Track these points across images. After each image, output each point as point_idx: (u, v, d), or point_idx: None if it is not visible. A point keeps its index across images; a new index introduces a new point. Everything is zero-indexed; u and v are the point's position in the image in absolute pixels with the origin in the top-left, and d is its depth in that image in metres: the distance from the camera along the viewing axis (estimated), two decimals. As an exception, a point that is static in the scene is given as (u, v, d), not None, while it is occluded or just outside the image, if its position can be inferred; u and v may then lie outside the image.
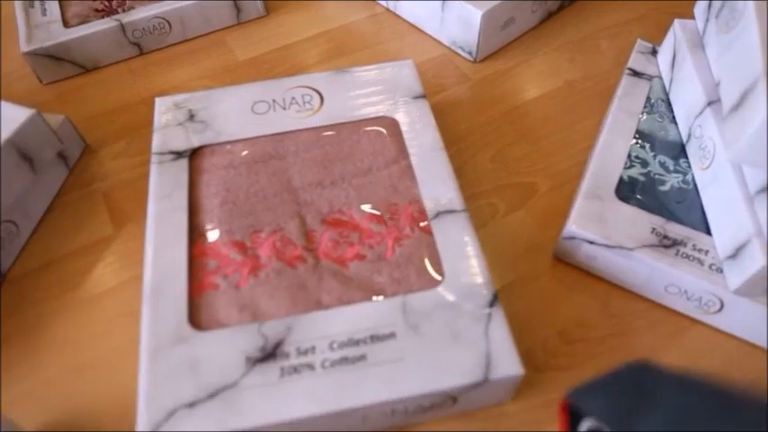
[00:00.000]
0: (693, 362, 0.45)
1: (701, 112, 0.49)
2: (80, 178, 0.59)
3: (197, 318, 0.42)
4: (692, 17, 0.57)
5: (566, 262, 0.50)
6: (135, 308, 0.49)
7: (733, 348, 0.46)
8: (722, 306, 0.45)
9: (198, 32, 0.73)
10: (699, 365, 0.45)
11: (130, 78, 0.68)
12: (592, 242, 0.47)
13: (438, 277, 0.43)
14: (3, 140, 0.49)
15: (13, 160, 0.50)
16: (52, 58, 0.66)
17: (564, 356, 0.46)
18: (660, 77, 0.59)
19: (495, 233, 0.52)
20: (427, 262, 0.44)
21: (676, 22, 0.57)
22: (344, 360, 0.39)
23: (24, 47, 0.64)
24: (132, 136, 0.62)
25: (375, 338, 0.40)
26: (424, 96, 0.54)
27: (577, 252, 0.48)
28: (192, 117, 0.53)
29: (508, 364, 0.38)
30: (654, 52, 0.62)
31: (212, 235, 0.46)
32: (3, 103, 0.53)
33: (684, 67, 0.53)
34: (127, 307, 0.50)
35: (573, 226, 0.47)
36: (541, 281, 0.50)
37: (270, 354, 0.39)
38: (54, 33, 0.66)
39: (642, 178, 0.51)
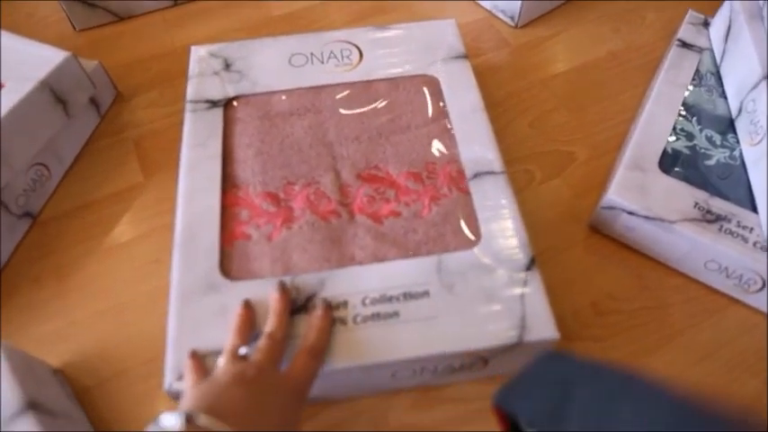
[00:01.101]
0: (729, 340, 0.44)
1: (755, 86, 0.47)
2: (111, 125, 0.59)
3: (228, 267, 0.41)
4: (749, -12, 0.54)
5: (601, 233, 0.49)
6: (164, 255, 0.49)
7: (771, 329, 0.45)
8: (764, 285, 0.43)
9: (233, -15, 0.71)
10: (734, 345, 0.44)
11: (164, 28, 0.67)
12: (631, 213, 0.45)
13: (474, 238, 0.42)
14: (38, 81, 0.49)
15: (47, 101, 0.50)
16: (86, 3, 0.65)
17: (596, 327, 0.45)
18: (711, 50, 0.57)
19: (530, 200, 0.51)
20: (464, 222, 0.43)
21: (733, -8, 0.55)
22: (377, 316, 0.38)
23: (60, -10, 0.64)
24: (165, 86, 0.62)
25: (408, 296, 0.39)
26: (465, 56, 0.52)
27: (615, 223, 0.47)
28: (227, 67, 0.52)
29: (543, 328, 0.37)
30: (706, 24, 0.59)
31: (245, 185, 0.46)
32: (38, 44, 0.52)
33: (740, 39, 0.51)
34: (156, 254, 0.50)
35: (613, 195, 0.46)
36: (575, 251, 0.49)
37: (302, 306, 0.39)
38: (90, -22, 0.65)
39: (687, 151, 0.49)
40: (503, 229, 0.42)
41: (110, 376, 0.43)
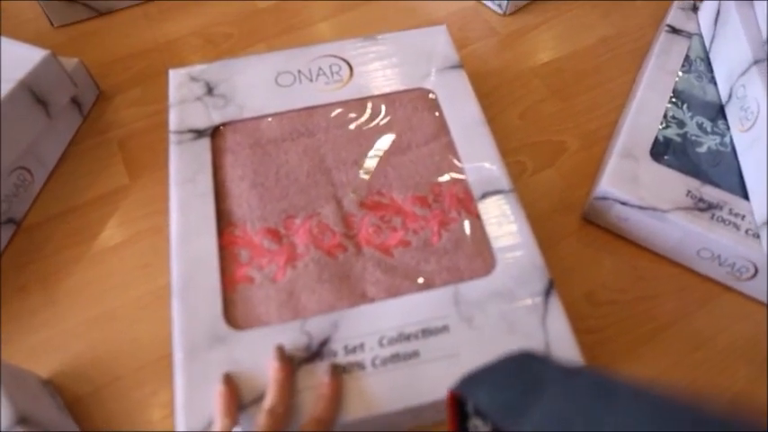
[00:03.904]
0: (722, 329, 0.44)
1: (745, 71, 0.47)
2: (94, 126, 0.57)
3: (233, 315, 0.38)
4: (738, -29, 0.54)
5: (595, 223, 0.49)
6: (153, 259, 0.48)
7: (764, 316, 0.45)
8: (756, 272, 0.43)
9: (214, -23, 0.70)
10: (728, 332, 0.44)
11: (146, 23, 0.66)
12: (624, 203, 0.45)
13: (489, 264, 0.40)
14: (16, 82, 0.47)
15: (26, 103, 0.49)
16: (64, -1, 0.64)
17: (591, 319, 0.45)
18: (700, 35, 0.56)
19: (522, 192, 0.50)
20: (477, 248, 0.41)
21: (722, -25, 0.54)
22: (396, 357, 0.36)
23: (35, -14, 0.62)
24: (148, 83, 0.60)
25: (427, 332, 0.37)
26: (460, 66, 0.50)
27: (608, 213, 0.47)
28: (210, 91, 0.49)
29: (568, 355, 0.36)
30: (695, 8, 0.59)
31: (242, 222, 0.43)
32: (15, 43, 0.51)
33: (729, 23, 0.51)
34: (145, 258, 0.49)
35: (606, 185, 0.45)
36: (569, 241, 0.48)
37: (316, 353, 0.37)
38: (66, -27, 0.63)
39: (678, 139, 0.49)
40: (518, 252, 0.40)
41: (102, 385, 0.43)
